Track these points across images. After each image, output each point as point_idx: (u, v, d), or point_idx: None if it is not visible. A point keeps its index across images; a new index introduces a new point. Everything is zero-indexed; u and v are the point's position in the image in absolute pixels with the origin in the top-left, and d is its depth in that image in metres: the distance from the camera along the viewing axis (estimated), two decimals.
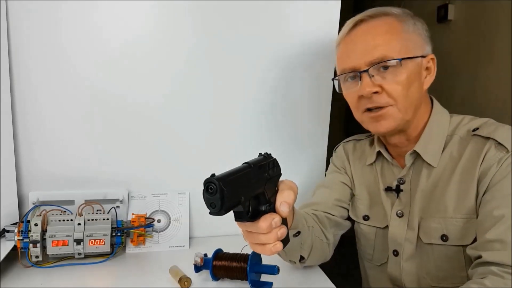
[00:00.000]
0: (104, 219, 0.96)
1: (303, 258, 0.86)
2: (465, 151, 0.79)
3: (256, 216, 0.60)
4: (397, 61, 0.77)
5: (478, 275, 0.68)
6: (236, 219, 0.59)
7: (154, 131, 1.08)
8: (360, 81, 0.80)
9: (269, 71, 1.11)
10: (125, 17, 1.01)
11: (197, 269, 0.86)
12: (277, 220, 0.61)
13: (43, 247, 0.91)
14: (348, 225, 0.98)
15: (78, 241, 0.92)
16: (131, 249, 1.02)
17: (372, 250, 0.94)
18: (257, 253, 0.86)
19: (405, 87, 0.78)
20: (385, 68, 0.78)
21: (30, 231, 0.90)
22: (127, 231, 1.00)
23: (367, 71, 0.79)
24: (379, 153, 0.92)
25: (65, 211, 0.99)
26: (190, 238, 1.08)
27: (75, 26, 0.99)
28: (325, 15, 1.11)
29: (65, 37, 0.99)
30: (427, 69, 0.82)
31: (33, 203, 0.99)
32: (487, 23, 1.31)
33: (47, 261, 0.93)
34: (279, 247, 0.62)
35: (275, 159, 0.67)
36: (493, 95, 1.28)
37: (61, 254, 0.92)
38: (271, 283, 0.85)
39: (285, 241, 0.66)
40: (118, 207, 1.04)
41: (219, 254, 0.87)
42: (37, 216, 0.92)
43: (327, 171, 1.06)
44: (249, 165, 0.59)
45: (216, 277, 0.86)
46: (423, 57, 0.81)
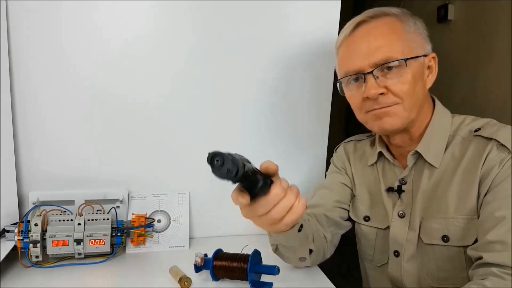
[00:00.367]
0: (104, 219, 0.96)
1: (311, 251, 0.87)
2: (467, 151, 0.79)
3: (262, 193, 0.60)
4: (402, 62, 0.77)
5: (478, 276, 0.68)
6: (252, 189, 0.58)
7: (154, 131, 1.08)
8: (364, 83, 0.80)
9: (269, 71, 1.11)
10: (125, 17, 1.01)
11: (197, 269, 0.86)
12: (283, 180, 0.62)
13: (43, 247, 0.91)
14: (348, 225, 0.98)
15: (78, 241, 0.92)
16: (131, 249, 1.02)
17: (372, 251, 0.94)
18: (257, 253, 0.86)
19: (411, 86, 0.78)
20: (389, 68, 0.78)
21: (30, 231, 0.90)
22: (127, 231, 1.00)
23: (371, 72, 0.78)
24: (381, 154, 0.92)
25: (65, 211, 0.99)
26: (190, 238, 1.08)
27: (75, 26, 0.99)
28: (325, 15, 1.11)
29: (65, 37, 0.99)
30: (428, 68, 0.82)
31: (33, 203, 0.99)
32: (487, 23, 1.31)
33: (47, 261, 0.93)
34: (304, 201, 0.63)
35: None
36: (493, 95, 1.28)
37: (61, 254, 0.92)
38: (271, 283, 0.85)
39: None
40: (118, 207, 1.04)
41: (219, 254, 0.87)
42: (37, 216, 0.92)
43: (327, 171, 1.06)
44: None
45: (216, 277, 0.86)
46: (425, 56, 0.81)
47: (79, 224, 0.93)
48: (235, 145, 1.13)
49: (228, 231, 1.11)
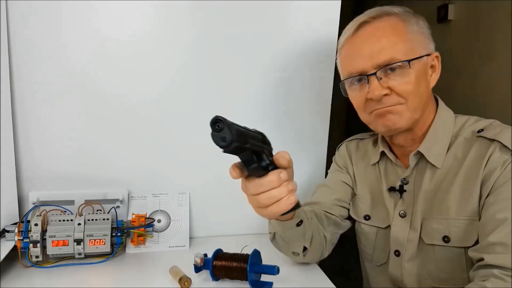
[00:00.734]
0: (104, 219, 0.96)
1: (305, 249, 0.87)
2: (469, 152, 0.78)
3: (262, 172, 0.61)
4: (405, 63, 0.77)
5: (479, 277, 0.68)
6: (246, 166, 0.59)
7: (154, 131, 1.08)
8: (368, 84, 0.79)
9: (269, 71, 1.11)
10: (125, 17, 1.01)
11: (197, 269, 0.86)
12: (284, 173, 0.63)
13: (43, 247, 0.91)
14: (347, 225, 0.98)
15: (78, 241, 0.92)
16: (131, 249, 1.02)
17: (372, 250, 0.94)
18: (257, 253, 0.86)
19: (415, 86, 0.78)
20: (392, 69, 0.78)
21: (30, 231, 0.90)
22: (127, 231, 1.00)
23: (375, 74, 0.78)
24: (383, 153, 0.92)
25: (65, 211, 0.99)
26: (190, 238, 1.08)
27: (75, 26, 0.99)
28: (325, 15, 1.11)
29: (65, 36, 0.99)
30: (432, 67, 0.82)
31: (33, 203, 0.99)
32: (487, 23, 1.31)
33: (47, 261, 0.93)
34: (293, 199, 0.63)
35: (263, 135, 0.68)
36: (493, 95, 1.28)
37: (61, 254, 0.92)
38: (271, 283, 0.85)
39: (297, 204, 0.66)
40: (118, 207, 1.04)
41: (219, 254, 0.87)
42: (37, 216, 0.92)
43: (329, 169, 1.06)
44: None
45: (216, 277, 0.86)
46: (428, 55, 0.80)
47: (79, 224, 0.93)
48: None
49: (228, 231, 1.11)
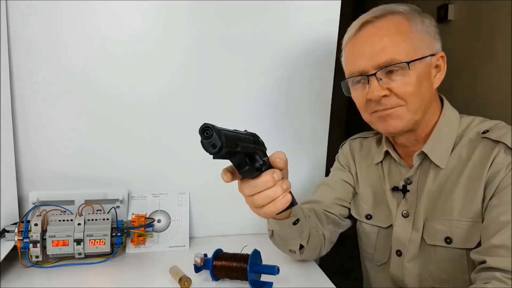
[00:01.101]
0: (104, 219, 0.96)
1: (302, 246, 0.87)
2: (473, 153, 0.78)
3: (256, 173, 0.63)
4: (405, 64, 0.76)
5: (481, 280, 0.68)
6: (239, 169, 0.60)
7: (154, 131, 1.08)
8: (368, 84, 0.79)
9: (269, 71, 1.11)
10: (125, 17, 1.01)
11: (197, 269, 0.86)
12: (278, 173, 0.64)
13: (43, 247, 0.91)
14: (347, 224, 0.98)
15: (78, 241, 0.92)
16: (131, 249, 1.02)
17: (373, 249, 0.94)
18: (257, 253, 0.86)
19: (415, 88, 0.77)
20: (393, 70, 0.77)
21: (30, 231, 0.90)
22: (127, 231, 1.00)
23: (375, 74, 0.78)
24: (387, 153, 0.91)
25: (65, 211, 0.99)
26: (190, 238, 1.08)
27: (75, 25, 0.99)
28: (325, 14, 1.11)
29: (65, 36, 0.99)
30: (436, 67, 0.81)
31: (33, 203, 0.99)
32: (487, 23, 1.31)
33: (47, 261, 0.93)
34: (288, 197, 0.64)
35: (256, 136, 0.70)
36: (493, 95, 1.28)
37: (61, 254, 0.92)
38: (271, 283, 0.85)
39: (292, 203, 0.67)
40: (118, 207, 1.04)
41: (219, 254, 0.87)
42: (37, 216, 0.92)
43: (331, 167, 1.06)
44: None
45: (216, 277, 0.86)
46: (432, 55, 0.79)
47: (79, 224, 0.93)
48: None
49: (228, 231, 1.11)
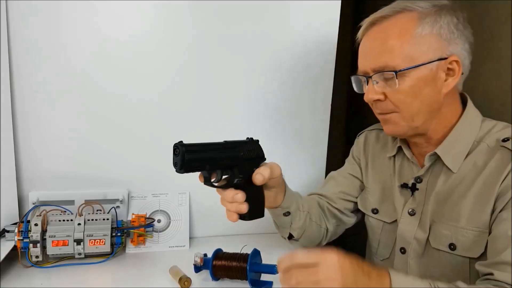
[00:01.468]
0: (104, 219, 0.96)
1: (292, 236, 0.91)
2: (489, 162, 0.75)
3: (228, 186, 0.74)
4: (403, 71, 0.74)
5: (485, 283, 0.67)
6: (205, 181, 0.72)
7: (154, 131, 1.08)
8: (367, 86, 0.79)
9: (269, 71, 1.11)
10: (125, 17, 1.01)
11: (197, 269, 0.86)
12: (239, 196, 0.73)
13: (43, 247, 0.91)
14: (351, 220, 0.98)
15: (78, 241, 0.92)
16: (131, 249, 1.02)
17: (377, 244, 0.94)
18: (256, 253, 0.86)
19: (409, 96, 0.76)
20: (388, 76, 0.76)
21: (30, 231, 0.90)
22: (127, 231, 1.00)
23: (371, 77, 0.77)
24: (400, 148, 0.90)
25: (65, 211, 0.99)
26: (190, 238, 1.08)
27: (75, 26, 0.99)
28: (325, 14, 1.11)
29: (65, 36, 0.99)
30: (449, 70, 0.76)
31: (33, 203, 0.99)
32: (487, 23, 1.31)
33: (47, 261, 0.93)
34: (234, 218, 0.76)
35: (257, 144, 0.78)
36: (493, 95, 1.27)
37: (61, 254, 0.92)
38: (271, 283, 0.85)
39: (254, 215, 0.77)
40: (118, 207, 1.04)
41: (218, 254, 0.87)
42: (37, 216, 0.92)
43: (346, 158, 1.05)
44: (223, 142, 0.72)
45: (216, 277, 0.86)
46: (442, 59, 0.75)
47: (79, 224, 0.93)
48: None
49: (227, 231, 1.11)
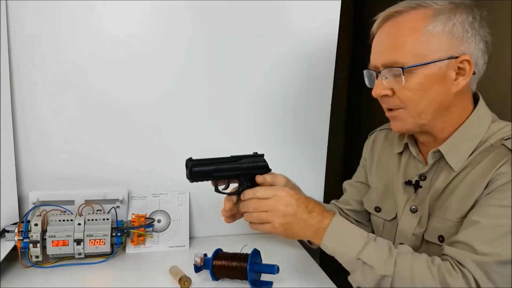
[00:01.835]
0: (104, 219, 0.96)
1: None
2: (485, 158, 0.76)
3: (236, 193, 0.84)
4: (407, 68, 0.74)
5: (437, 257, 0.73)
6: (214, 190, 0.85)
7: (154, 131, 1.08)
8: (376, 80, 0.80)
9: (269, 71, 1.11)
10: (126, 17, 1.01)
11: (197, 269, 0.86)
12: (226, 206, 0.85)
13: (43, 247, 0.91)
14: (367, 229, 1.00)
15: (78, 241, 0.92)
16: (131, 249, 1.02)
17: None
18: (256, 253, 0.86)
19: (416, 93, 0.76)
20: (397, 72, 0.76)
21: (30, 231, 0.90)
22: (127, 231, 1.00)
23: (379, 72, 0.78)
24: (407, 145, 0.90)
25: (65, 211, 0.99)
26: (190, 238, 1.08)
27: (75, 26, 0.99)
28: (325, 14, 1.11)
29: (66, 37, 0.99)
30: (459, 69, 0.76)
31: (33, 203, 0.99)
32: (487, 23, 1.31)
33: (47, 261, 0.93)
34: (225, 220, 0.87)
35: (262, 157, 0.86)
36: (493, 95, 1.28)
37: (61, 254, 0.93)
38: (271, 283, 0.85)
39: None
40: (118, 207, 1.04)
41: (218, 254, 0.87)
42: (37, 216, 0.92)
43: None
44: (230, 156, 0.85)
45: (216, 277, 0.86)
46: (452, 58, 0.74)
47: (79, 224, 0.93)
48: (235, 145, 1.12)
49: (227, 231, 1.11)
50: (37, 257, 0.90)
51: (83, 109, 1.03)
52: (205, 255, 0.88)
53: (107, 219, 0.96)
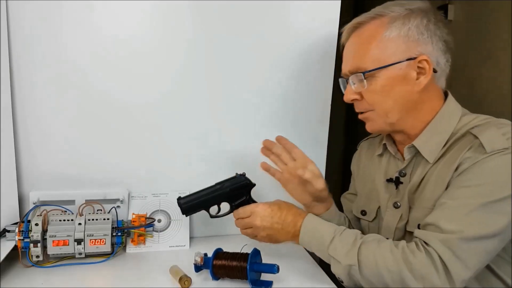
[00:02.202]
0: (104, 219, 0.96)
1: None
2: (455, 147, 0.80)
3: (230, 212, 0.97)
4: (371, 72, 0.81)
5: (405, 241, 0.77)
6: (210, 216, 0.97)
7: (154, 131, 1.08)
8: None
9: (269, 71, 1.12)
10: (126, 17, 1.01)
11: (197, 268, 0.86)
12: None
13: (44, 247, 0.91)
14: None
15: (78, 241, 0.92)
16: (131, 248, 1.02)
17: None
18: (256, 252, 0.86)
19: (381, 95, 0.82)
20: (362, 77, 0.82)
21: (30, 231, 0.90)
22: (127, 231, 1.00)
23: (347, 79, 0.86)
24: (386, 147, 0.95)
25: (66, 211, 0.99)
26: (190, 238, 1.08)
27: (76, 26, 0.99)
28: (325, 14, 1.11)
29: (66, 37, 0.99)
30: (420, 69, 0.81)
31: (34, 203, 0.99)
32: (487, 23, 1.31)
33: (47, 261, 0.93)
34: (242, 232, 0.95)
35: (243, 176, 0.97)
36: (493, 95, 1.28)
37: (61, 254, 0.93)
38: (271, 282, 0.85)
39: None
40: (118, 207, 1.04)
41: (219, 253, 0.87)
42: (38, 216, 0.92)
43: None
44: (214, 184, 0.96)
45: (216, 276, 0.86)
46: (410, 59, 0.80)
47: (80, 224, 0.93)
48: (235, 146, 1.13)
49: (228, 231, 1.11)
50: (37, 256, 0.90)
51: (83, 109, 1.03)
52: (205, 254, 0.88)
53: (108, 219, 0.96)
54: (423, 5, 0.83)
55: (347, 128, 2.59)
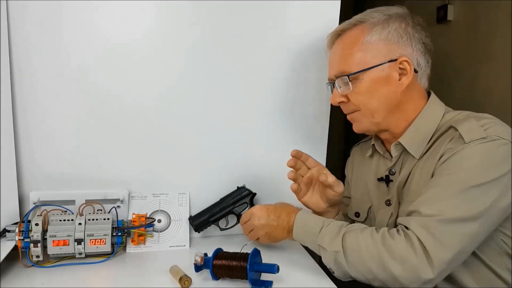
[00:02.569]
0: (104, 219, 0.96)
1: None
2: (437, 140, 0.84)
3: (237, 223, 1.06)
4: (356, 74, 0.86)
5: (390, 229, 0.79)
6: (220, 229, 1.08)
7: (154, 131, 1.08)
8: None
9: (269, 71, 1.12)
10: (126, 18, 1.01)
11: (197, 268, 0.86)
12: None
13: (44, 247, 0.91)
14: None
15: (78, 241, 0.92)
16: (131, 248, 1.02)
17: None
18: (256, 252, 0.86)
19: (366, 96, 0.87)
20: (347, 80, 0.87)
21: (30, 231, 0.90)
22: (127, 231, 1.00)
23: (333, 83, 0.91)
24: (375, 148, 0.99)
25: (66, 211, 0.99)
26: (190, 238, 1.08)
27: (76, 26, 0.99)
28: (325, 14, 1.11)
29: (66, 37, 0.99)
30: (401, 70, 0.86)
31: (34, 203, 0.99)
32: (487, 23, 1.31)
33: (47, 260, 0.93)
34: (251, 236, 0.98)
35: (243, 188, 1.07)
36: (493, 95, 1.28)
37: (61, 253, 0.93)
38: (271, 282, 0.85)
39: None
40: (118, 207, 1.04)
41: (219, 253, 0.87)
42: (38, 216, 0.92)
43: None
44: (219, 200, 1.07)
45: (216, 276, 0.86)
46: (392, 61, 0.85)
47: (80, 224, 0.93)
48: (235, 146, 1.13)
49: (227, 231, 1.11)
50: (37, 256, 0.90)
51: (83, 109, 1.03)
52: (206, 254, 0.88)
53: (108, 219, 0.96)
54: (400, 10, 0.89)
55: (346, 128, 2.59)
